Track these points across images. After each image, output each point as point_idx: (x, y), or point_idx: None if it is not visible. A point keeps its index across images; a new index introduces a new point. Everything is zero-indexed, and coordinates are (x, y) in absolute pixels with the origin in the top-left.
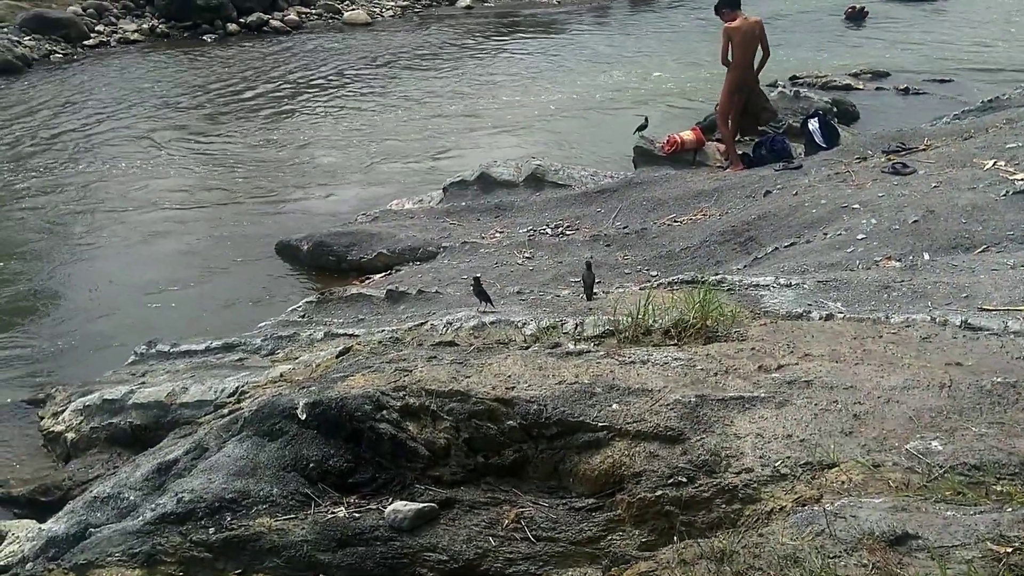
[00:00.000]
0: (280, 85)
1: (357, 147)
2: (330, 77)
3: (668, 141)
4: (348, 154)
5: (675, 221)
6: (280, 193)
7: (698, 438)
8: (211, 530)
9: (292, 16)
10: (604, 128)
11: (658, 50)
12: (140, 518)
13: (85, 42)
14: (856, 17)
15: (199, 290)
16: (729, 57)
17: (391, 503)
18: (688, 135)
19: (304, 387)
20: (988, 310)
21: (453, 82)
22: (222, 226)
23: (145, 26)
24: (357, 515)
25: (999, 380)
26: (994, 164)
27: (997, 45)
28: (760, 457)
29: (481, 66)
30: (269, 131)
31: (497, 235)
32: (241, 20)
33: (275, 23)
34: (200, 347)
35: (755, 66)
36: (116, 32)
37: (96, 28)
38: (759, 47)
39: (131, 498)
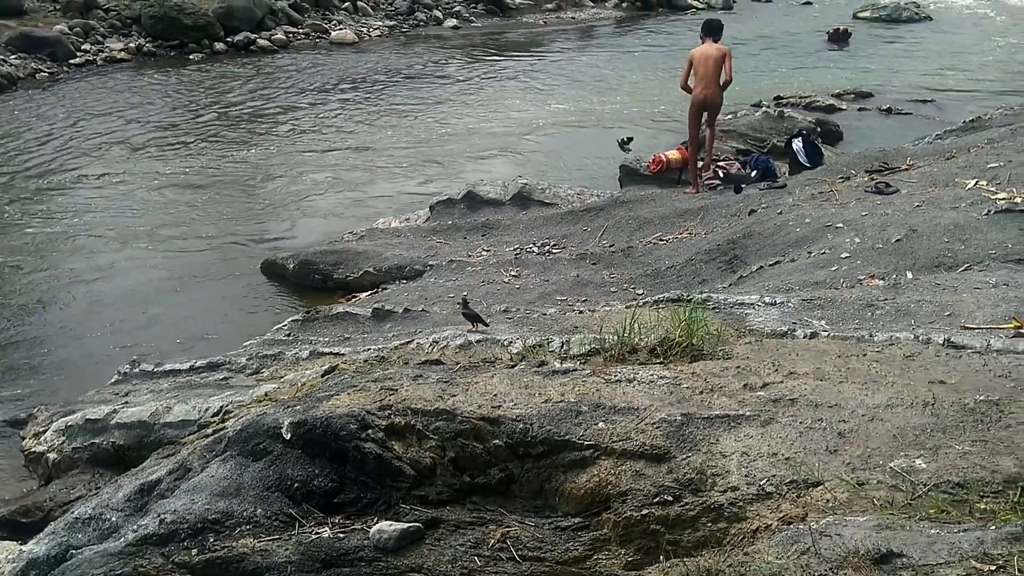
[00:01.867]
0: (267, 104)
1: (344, 166)
2: (317, 96)
3: (654, 160)
4: (335, 172)
5: (661, 239)
6: (266, 211)
7: (684, 456)
8: (194, 551)
9: (279, 36)
10: (590, 147)
11: (644, 70)
12: (122, 539)
13: (71, 61)
14: (839, 39)
15: (184, 309)
16: (690, 82)
17: (376, 523)
18: (673, 154)
19: (289, 406)
20: (971, 328)
21: (440, 102)
22: (207, 244)
23: (132, 45)
24: (342, 535)
25: (982, 398)
26: (976, 184)
27: (978, 67)
28: (746, 475)
29: (468, 86)
30: (255, 149)
31: (484, 253)
32: (228, 40)
33: (262, 43)
34: (184, 366)
35: (719, 91)
36: (103, 51)
37: (82, 47)
38: (720, 71)
39: (113, 519)
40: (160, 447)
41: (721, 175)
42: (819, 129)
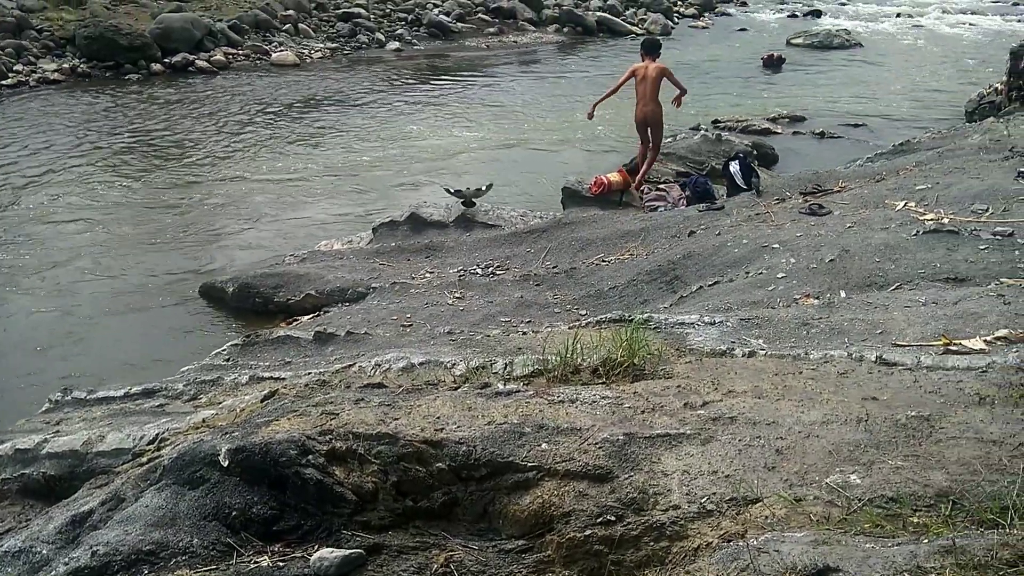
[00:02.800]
0: (205, 125)
1: (284, 188)
2: (257, 118)
3: (595, 182)
4: (275, 195)
5: (603, 261)
6: (204, 235)
7: (626, 476)
8: None
9: (219, 57)
10: (533, 169)
11: (584, 93)
12: (53, 573)
13: (2, 82)
14: (773, 64)
15: (118, 334)
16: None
17: (317, 551)
18: (615, 176)
19: (227, 433)
20: (902, 346)
21: (382, 124)
22: (143, 269)
23: (66, 66)
24: (281, 564)
25: (913, 414)
26: (905, 205)
27: (907, 92)
28: (687, 494)
29: (410, 108)
30: (193, 172)
31: (427, 275)
32: (166, 60)
33: (201, 63)
34: (119, 393)
35: (659, 107)
36: (35, 72)
37: (14, 68)
38: (658, 89)
39: (43, 552)
40: (93, 477)
41: (667, 197)
42: (755, 152)
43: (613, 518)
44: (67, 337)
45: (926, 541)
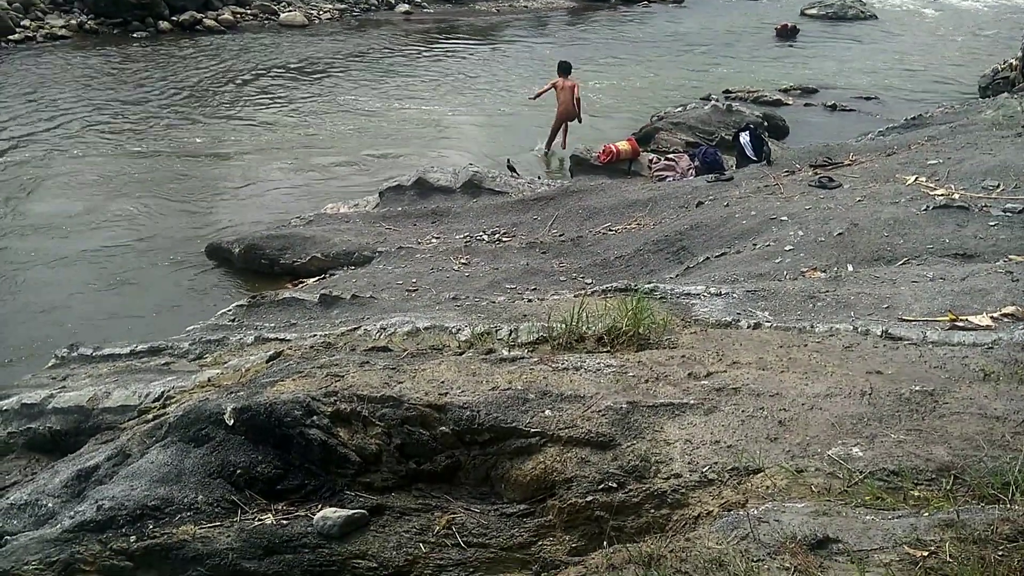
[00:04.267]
0: (212, 86)
1: (291, 150)
2: (264, 79)
3: (604, 151)
4: (282, 157)
5: (610, 230)
6: (211, 195)
7: (629, 444)
8: (132, 538)
9: (227, 16)
10: (540, 135)
11: (595, 60)
12: (58, 526)
13: (9, 37)
14: (787, 35)
15: (125, 292)
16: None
17: (320, 510)
18: (624, 145)
19: (232, 392)
20: (908, 321)
21: (389, 86)
22: (151, 228)
23: (73, 22)
24: (285, 522)
25: (917, 388)
26: (915, 180)
27: (920, 66)
28: (689, 463)
29: (418, 71)
30: (201, 132)
31: (433, 241)
32: (173, 18)
33: (209, 22)
34: (124, 351)
35: (575, 108)
36: (43, 28)
37: (22, 23)
38: (573, 96)
39: (49, 505)
40: (99, 433)
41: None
42: (766, 123)
43: (615, 485)
44: (73, 294)
45: (926, 514)
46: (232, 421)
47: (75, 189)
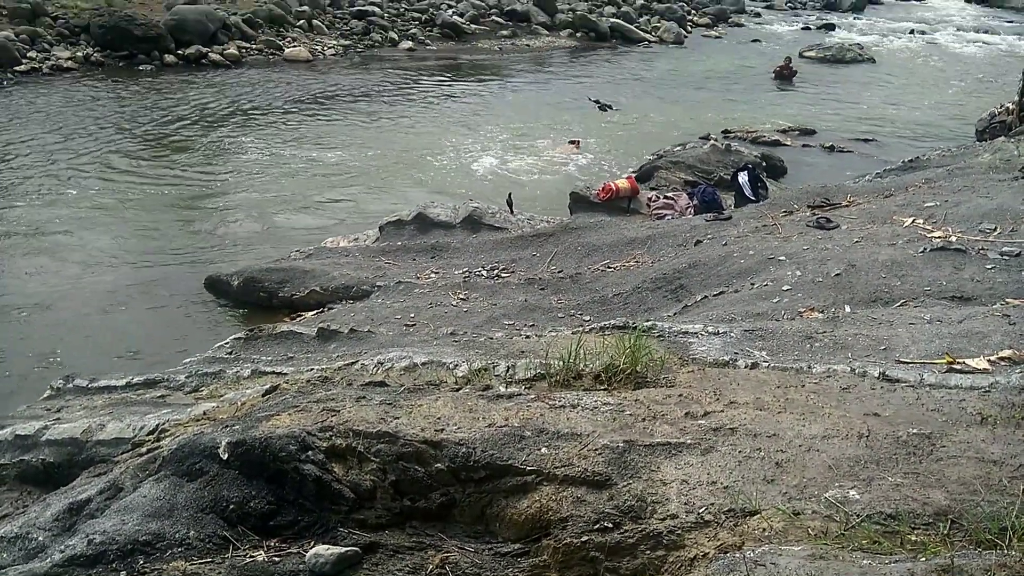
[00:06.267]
0: (216, 119)
1: (292, 184)
2: (268, 113)
3: (603, 188)
4: (282, 191)
5: (608, 267)
6: (211, 228)
7: (625, 484)
8: (122, 574)
9: (232, 50)
10: (541, 172)
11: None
12: (48, 560)
13: (16, 68)
14: (785, 76)
15: (123, 325)
16: None
17: (313, 547)
18: (623, 183)
19: (227, 426)
20: (905, 363)
21: (392, 122)
22: (150, 260)
23: (79, 54)
24: (277, 559)
25: (914, 431)
26: (913, 221)
27: (918, 109)
28: (685, 503)
29: (420, 108)
30: (202, 165)
31: (432, 276)
32: (179, 52)
33: (214, 56)
34: (120, 383)
35: None
36: (49, 59)
37: (28, 54)
38: None
39: (40, 539)
40: (92, 465)
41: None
42: (764, 164)
43: (610, 525)
44: (70, 325)
45: (923, 559)
46: (226, 455)
47: (74, 220)
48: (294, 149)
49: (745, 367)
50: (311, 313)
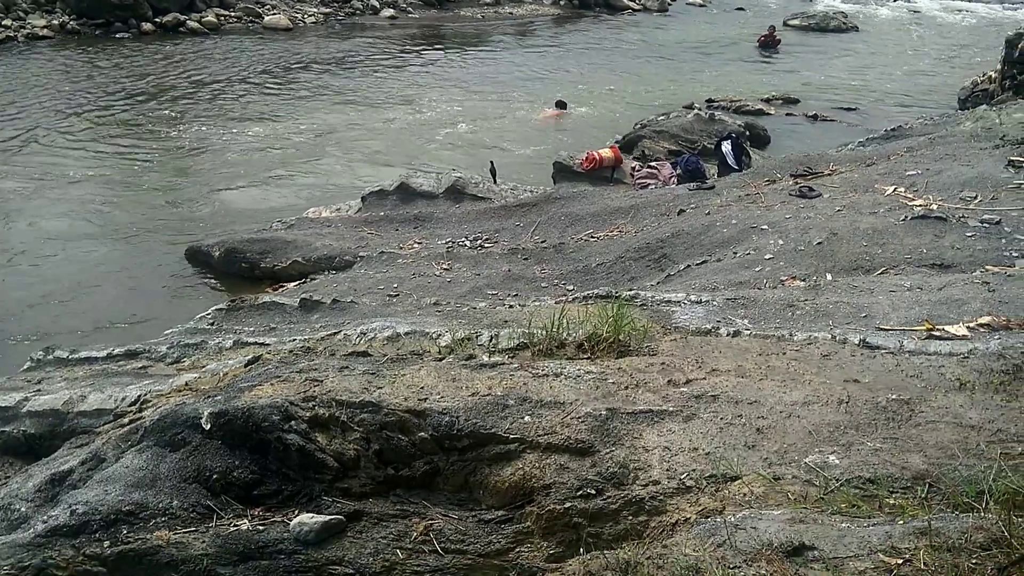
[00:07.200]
0: (195, 88)
1: (273, 154)
2: (247, 82)
3: (587, 158)
4: (264, 160)
5: (592, 237)
6: (191, 198)
7: (607, 451)
8: (106, 543)
9: (210, 18)
10: (524, 142)
11: (580, 67)
12: (31, 530)
13: None
14: (769, 45)
15: (103, 295)
16: None
17: (297, 515)
18: (606, 152)
19: (210, 396)
20: (885, 330)
21: (372, 91)
22: (130, 230)
23: (55, 22)
24: (261, 528)
25: (894, 397)
26: (894, 190)
27: (901, 77)
28: (667, 470)
29: (402, 76)
30: (181, 134)
31: (415, 246)
32: (157, 20)
33: (192, 24)
34: (101, 354)
35: None
36: (24, 27)
37: (3, 23)
38: None
39: (22, 509)
40: (74, 436)
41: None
42: (748, 133)
43: (593, 492)
44: (50, 296)
45: (901, 522)
46: (209, 425)
47: (53, 190)
48: (274, 118)
49: (727, 335)
50: (293, 284)
